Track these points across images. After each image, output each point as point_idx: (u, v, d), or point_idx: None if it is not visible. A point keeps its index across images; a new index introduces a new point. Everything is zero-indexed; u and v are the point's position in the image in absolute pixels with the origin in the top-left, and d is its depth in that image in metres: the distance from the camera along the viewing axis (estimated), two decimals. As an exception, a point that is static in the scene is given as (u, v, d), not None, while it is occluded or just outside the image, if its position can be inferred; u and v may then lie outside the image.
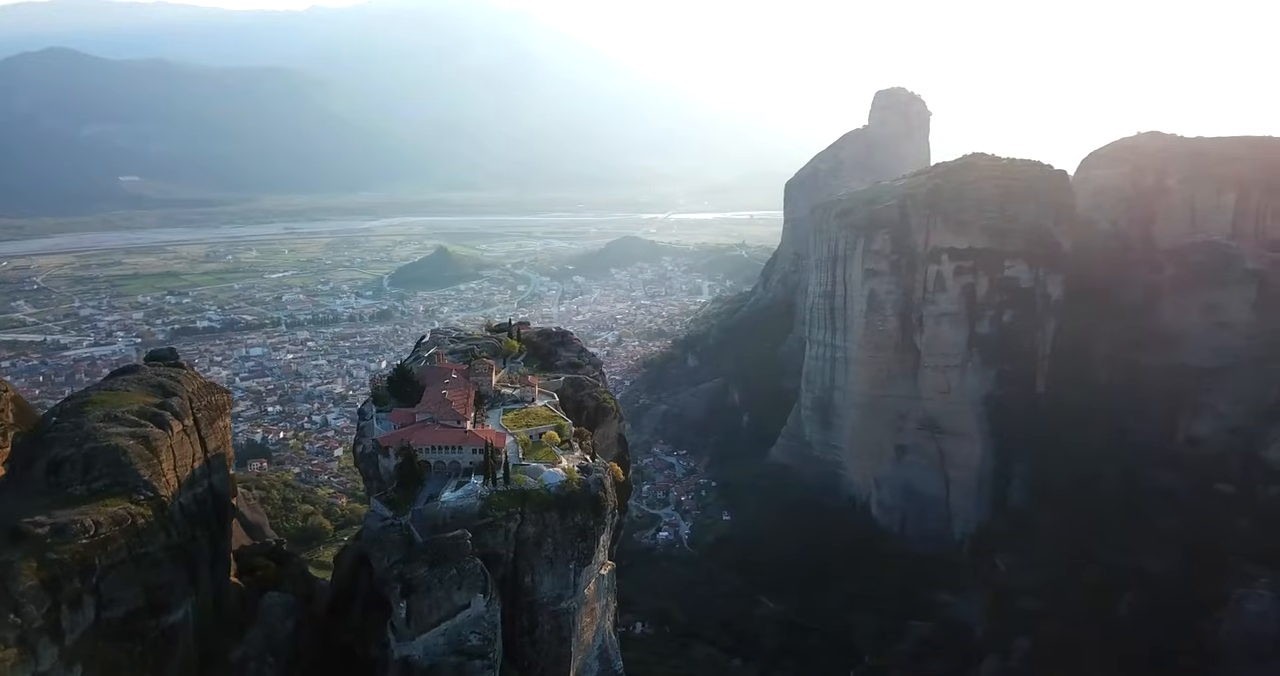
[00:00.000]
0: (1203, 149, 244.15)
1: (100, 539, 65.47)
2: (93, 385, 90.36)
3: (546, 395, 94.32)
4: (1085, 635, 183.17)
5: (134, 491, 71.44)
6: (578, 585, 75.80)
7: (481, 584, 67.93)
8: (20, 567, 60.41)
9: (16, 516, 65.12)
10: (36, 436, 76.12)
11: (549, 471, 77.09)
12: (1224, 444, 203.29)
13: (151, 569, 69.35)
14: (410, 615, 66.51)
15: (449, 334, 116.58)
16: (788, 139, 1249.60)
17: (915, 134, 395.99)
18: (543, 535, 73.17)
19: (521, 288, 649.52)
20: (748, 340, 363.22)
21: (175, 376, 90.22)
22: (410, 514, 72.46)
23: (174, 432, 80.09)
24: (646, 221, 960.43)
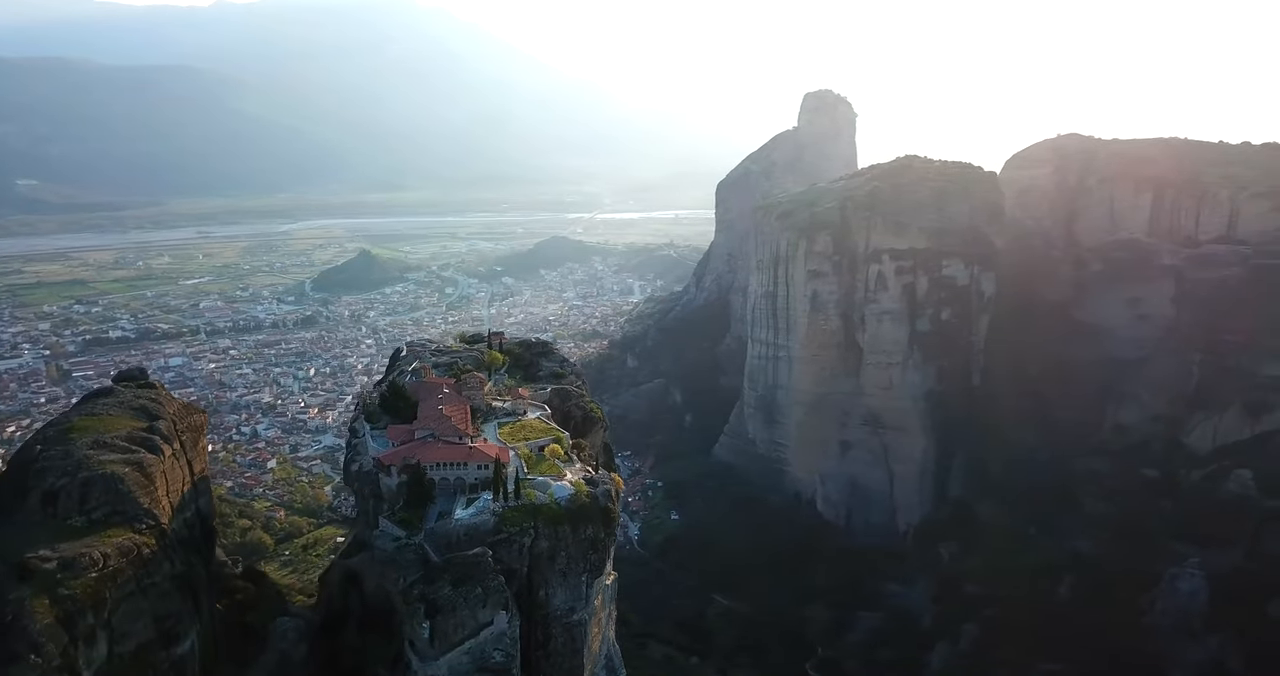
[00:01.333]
0: (1121, 150, 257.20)
1: (109, 571, 63.90)
2: (69, 409, 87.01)
3: (537, 407, 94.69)
4: (1028, 618, 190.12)
5: (135, 520, 69.74)
6: (589, 596, 76.74)
7: (504, 600, 68.35)
8: (34, 605, 58.62)
9: (18, 550, 63.05)
10: (23, 465, 73.38)
11: (557, 485, 77.76)
12: (1148, 431, 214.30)
13: (159, 599, 67.87)
14: (434, 634, 66.44)
15: (425, 347, 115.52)
16: (709, 139, 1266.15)
17: (842, 135, 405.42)
18: (556, 549, 73.86)
19: (449, 290, 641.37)
20: (686, 340, 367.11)
21: (155, 398, 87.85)
22: (423, 532, 72.21)
23: (165, 457, 78.21)
24: (573, 221, 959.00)
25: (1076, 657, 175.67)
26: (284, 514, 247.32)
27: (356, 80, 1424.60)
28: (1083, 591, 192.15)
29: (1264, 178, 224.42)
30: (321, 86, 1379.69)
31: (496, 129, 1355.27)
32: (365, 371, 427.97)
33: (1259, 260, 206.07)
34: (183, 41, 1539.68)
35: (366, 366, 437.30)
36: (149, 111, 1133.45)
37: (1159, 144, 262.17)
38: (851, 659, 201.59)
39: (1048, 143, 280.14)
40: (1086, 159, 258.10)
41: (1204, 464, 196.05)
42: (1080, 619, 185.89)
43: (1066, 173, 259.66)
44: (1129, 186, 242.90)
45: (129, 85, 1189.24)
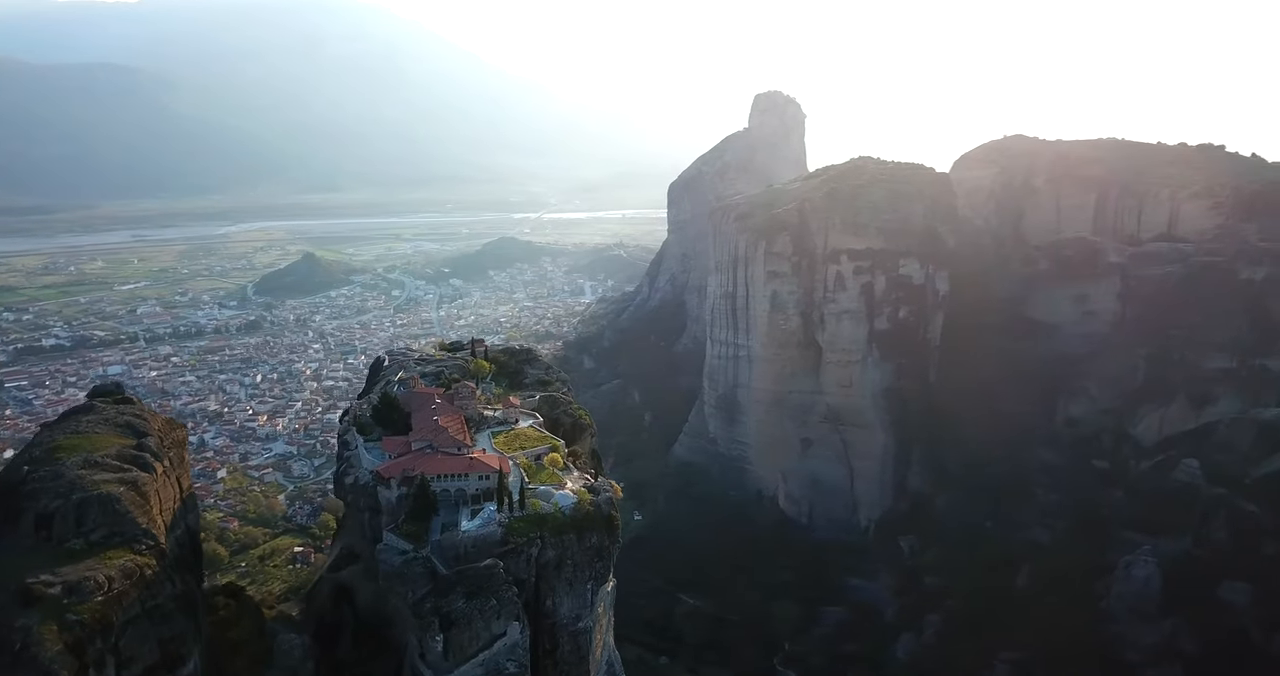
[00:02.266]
0: (1065, 151, 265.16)
1: (114, 595, 62.69)
2: (48, 427, 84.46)
3: (529, 415, 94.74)
4: (989, 607, 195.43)
5: (134, 541, 68.31)
6: (594, 604, 77.25)
7: (517, 612, 68.53)
8: (42, 632, 57.15)
9: (18, 576, 61.38)
10: (11, 487, 71.23)
11: (560, 494, 78.13)
12: (1097, 423, 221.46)
13: (163, 622, 66.62)
14: (449, 647, 66.34)
15: (408, 356, 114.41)
16: (654, 140, 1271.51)
17: (792, 135, 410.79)
18: (563, 558, 74.23)
19: (396, 293, 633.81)
20: (642, 340, 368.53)
21: (140, 414, 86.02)
22: (429, 545, 71.97)
23: (158, 475, 76.65)
24: (520, 221, 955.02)
25: (1037, 644, 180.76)
26: (237, 524, 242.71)
27: (294, 79, 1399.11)
28: (1040, 580, 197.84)
29: (1200, 178, 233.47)
30: (258, 85, 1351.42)
31: (439, 129, 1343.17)
32: (314, 376, 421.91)
33: (1199, 258, 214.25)
34: (112, 39, 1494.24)
35: (315, 371, 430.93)
36: (78, 110, 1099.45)
37: (1100, 145, 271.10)
38: (818, 653, 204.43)
39: (993, 144, 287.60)
40: (1031, 160, 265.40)
41: (1152, 454, 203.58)
42: (1039, 606, 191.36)
43: (1012, 173, 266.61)
44: (1073, 186, 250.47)
45: (54, 84, 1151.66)
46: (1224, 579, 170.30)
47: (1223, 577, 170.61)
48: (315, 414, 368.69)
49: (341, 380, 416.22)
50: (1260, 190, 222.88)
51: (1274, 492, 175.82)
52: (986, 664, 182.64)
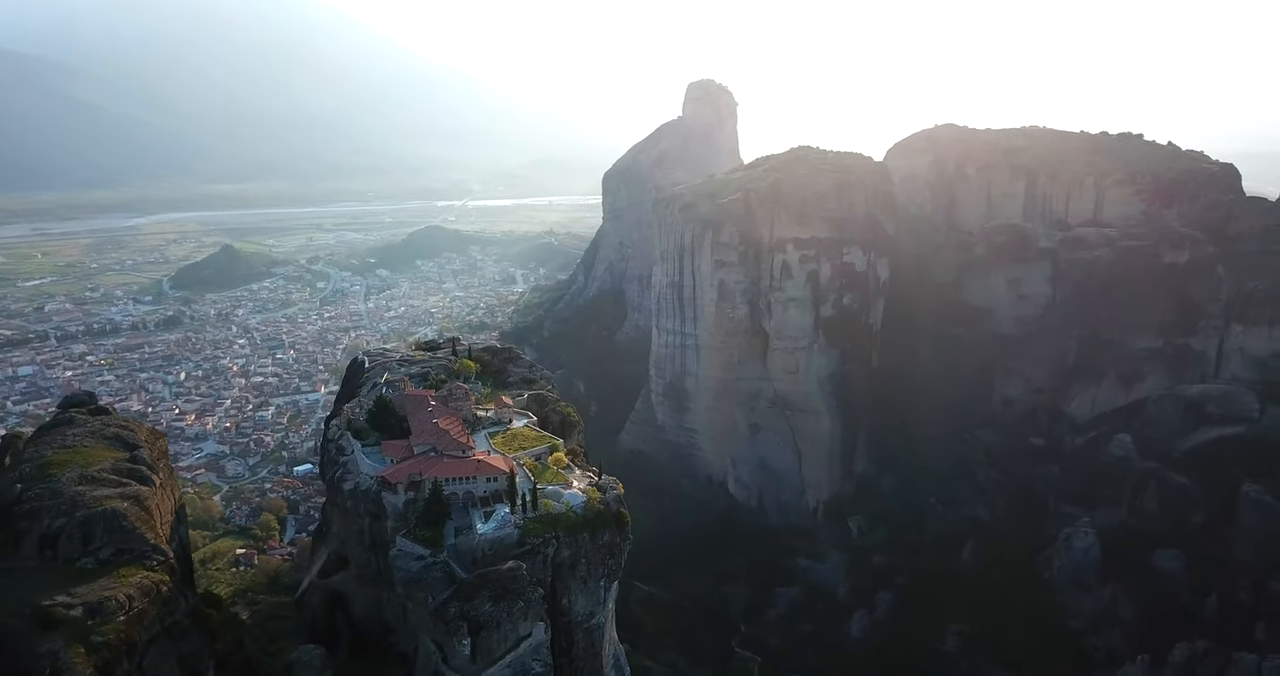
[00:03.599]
0: (994, 140, 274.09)
1: (135, 613, 61.35)
2: (35, 441, 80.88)
3: (522, 415, 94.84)
4: (937, 583, 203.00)
5: (144, 557, 66.76)
6: (606, 601, 78.32)
7: (541, 612, 69.18)
8: (70, 656, 55.56)
9: (30, 598, 59.49)
10: (6, 506, 68.47)
11: (569, 493, 78.84)
12: (1032, 402, 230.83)
13: (181, 638, 65.45)
14: (476, 651, 66.76)
15: (388, 357, 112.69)
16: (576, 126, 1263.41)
17: (725, 124, 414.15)
18: (577, 557, 75.05)
19: (321, 285, 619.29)
20: (583, 330, 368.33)
21: (126, 425, 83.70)
22: (446, 549, 71.91)
23: (156, 488, 74.60)
24: (444, 209, 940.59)
25: (984, 617, 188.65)
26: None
27: (203, 67, 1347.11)
28: (984, 555, 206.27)
29: (1123, 166, 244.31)
30: (164, 73, 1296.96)
31: (357, 117, 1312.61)
32: (242, 373, 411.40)
33: (1124, 243, 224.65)
34: (8, 23, 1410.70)
35: (243, 367, 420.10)
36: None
37: (1026, 133, 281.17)
38: (774, 634, 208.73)
39: (925, 133, 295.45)
40: (962, 148, 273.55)
41: (1085, 431, 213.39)
42: (984, 581, 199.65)
43: (945, 162, 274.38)
44: (1003, 174, 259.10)
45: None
46: (1157, 548, 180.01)
47: (1156, 546, 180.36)
48: (246, 412, 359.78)
49: (271, 376, 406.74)
50: (1178, 178, 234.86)
51: (1201, 464, 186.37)
52: (937, 637, 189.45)
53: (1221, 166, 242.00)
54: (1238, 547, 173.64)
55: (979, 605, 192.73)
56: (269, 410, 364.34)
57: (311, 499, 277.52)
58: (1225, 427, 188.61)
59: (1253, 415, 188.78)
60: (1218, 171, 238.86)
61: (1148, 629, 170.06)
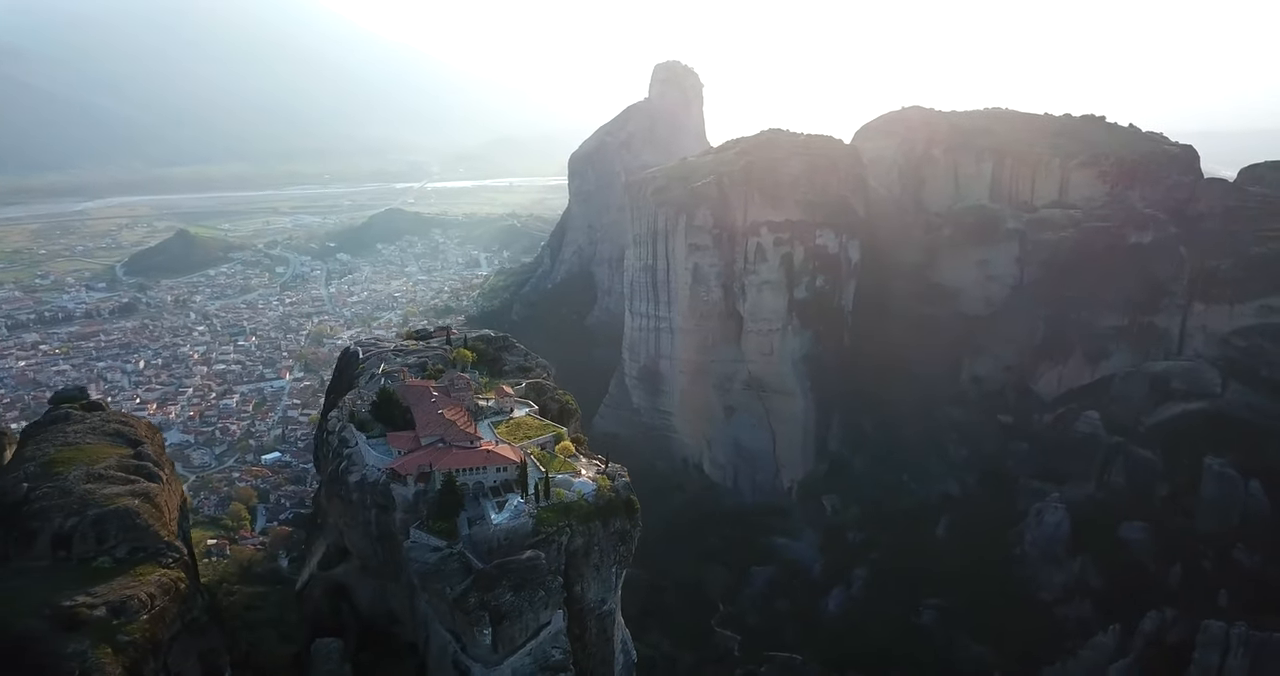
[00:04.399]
0: (960, 122, 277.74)
1: (157, 612, 61.00)
2: (36, 439, 79.14)
3: (523, 404, 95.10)
4: (911, 558, 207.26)
5: (159, 555, 66.32)
6: (617, 587, 79.34)
7: (560, 600, 69.97)
8: (97, 656, 55.22)
9: (49, 599, 58.92)
10: (13, 506, 67.46)
11: (579, 481, 79.54)
12: (1000, 380, 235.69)
13: (200, 635, 65.38)
14: (498, 640, 67.34)
15: (381, 347, 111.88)
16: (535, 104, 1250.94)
17: (692, 106, 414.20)
18: (590, 545, 75.85)
19: (281, 269, 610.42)
20: (553, 314, 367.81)
21: (126, 421, 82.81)
22: (461, 540, 72.29)
23: (164, 484, 73.94)
24: (403, 191, 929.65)
25: (958, 590, 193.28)
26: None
27: (154, 48, 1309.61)
28: (956, 530, 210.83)
29: (1086, 148, 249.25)
30: (113, 54, 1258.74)
31: (311, 98, 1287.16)
32: (203, 361, 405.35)
33: (1089, 223, 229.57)
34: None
35: (204, 355, 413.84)
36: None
37: (991, 115, 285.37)
38: (752, 612, 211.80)
39: (892, 115, 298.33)
40: (930, 131, 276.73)
41: (1053, 407, 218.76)
42: (957, 555, 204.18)
43: (913, 144, 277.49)
44: (970, 156, 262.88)
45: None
46: (1124, 520, 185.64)
47: (1123, 519, 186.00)
48: (209, 400, 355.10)
49: (234, 363, 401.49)
50: (1139, 160, 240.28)
51: (1165, 439, 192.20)
52: (913, 611, 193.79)
53: (1181, 148, 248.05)
54: (1200, 518, 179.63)
55: (953, 579, 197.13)
56: (233, 398, 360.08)
57: (282, 487, 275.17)
58: (1189, 403, 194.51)
59: (1215, 391, 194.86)
60: (1178, 153, 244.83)
61: (1116, 599, 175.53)
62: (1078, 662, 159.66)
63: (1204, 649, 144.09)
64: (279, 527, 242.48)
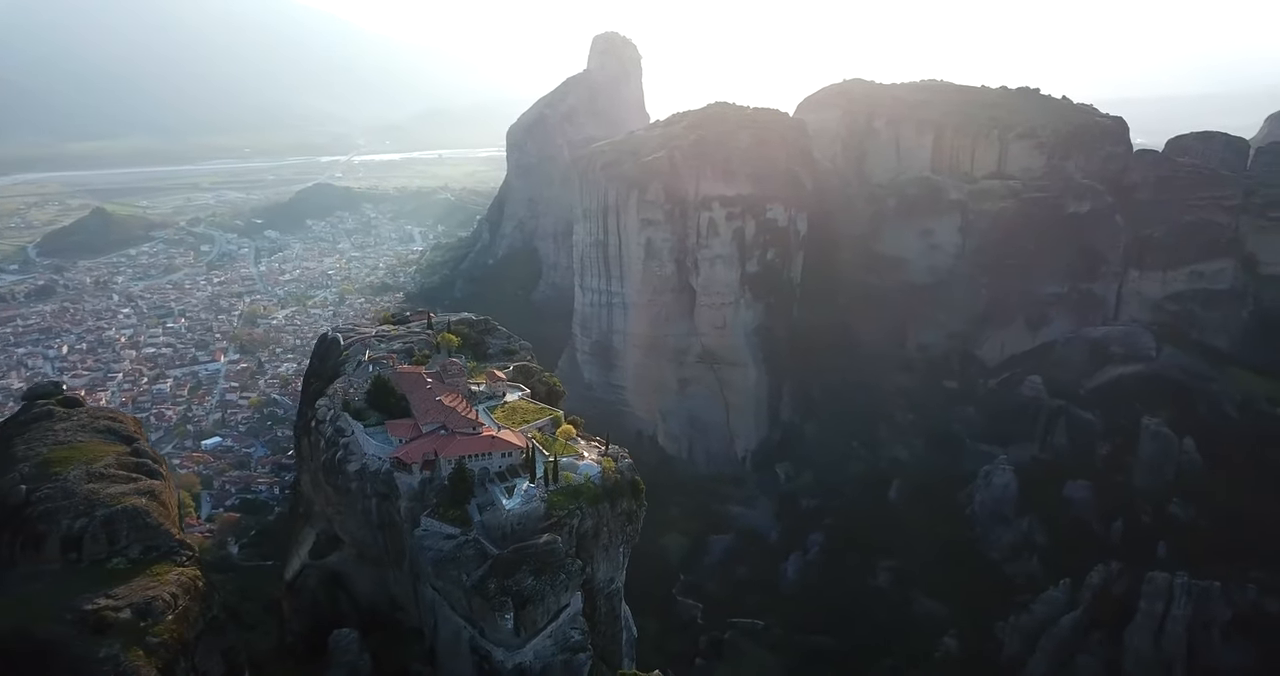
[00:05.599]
0: (901, 94, 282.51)
1: (181, 611, 60.17)
2: (25, 438, 75.98)
3: (515, 388, 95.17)
4: (865, 523, 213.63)
5: (172, 553, 65.38)
6: (624, 566, 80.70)
7: (580, 582, 71.05)
8: (131, 660, 54.41)
9: (69, 603, 57.77)
10: (14, 508, 65.40)
11: (584, 464, 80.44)
12: (946, 347, 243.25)
13: (221, 633, 64.73)
14: (520, 624, 68.13)
15: (361, 333, 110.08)
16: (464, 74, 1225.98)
17: (631, 78, 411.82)
18: (599, 526, 77.00)
19: (206, 248, 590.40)
20: (496, 289, 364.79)
21: (114, 417, 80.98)
22: (475, 526, 72.69)
23: (165, 480, 72.48)
24: (329, 165, 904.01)
25: (912, 552, 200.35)
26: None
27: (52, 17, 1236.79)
28: (908, 494, 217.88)
29: (1024, 120, 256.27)
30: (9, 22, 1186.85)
31: (224, 68, 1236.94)
32: (131, 344, 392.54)
33: (1028, 194, 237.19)
34: None
35: (131, 338, 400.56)
36: None
37: (930, 87, 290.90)
38: (712, 580, 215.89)
39: (834, 87, 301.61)
40: (872, 103, 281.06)
41: (997, 373, 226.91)
42: (909, 518, 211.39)
43: (855, 116, 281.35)
44: (911, 128, 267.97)
45: None
46: (1067, 479, 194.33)
47: (1066, 478, 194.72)
48: (141, 385, 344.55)
49: (164, 347, 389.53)
50: (1074, 131, 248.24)
51: (1105, 401, 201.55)
52: (870, 573, 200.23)
53: (1112, 120, 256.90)
54: (1138, 475, 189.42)
55: (906, 541, 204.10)
56: (166, 382, 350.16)
57: (225, 473, 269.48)
58: (1126, 366, 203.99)
59: (1150, 354, 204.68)
60: (1110, 125, 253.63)
61: (1062, 554, 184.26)
62: (1030, 617, 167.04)
63: (1149, 599, 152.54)
64: (226, 514, 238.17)
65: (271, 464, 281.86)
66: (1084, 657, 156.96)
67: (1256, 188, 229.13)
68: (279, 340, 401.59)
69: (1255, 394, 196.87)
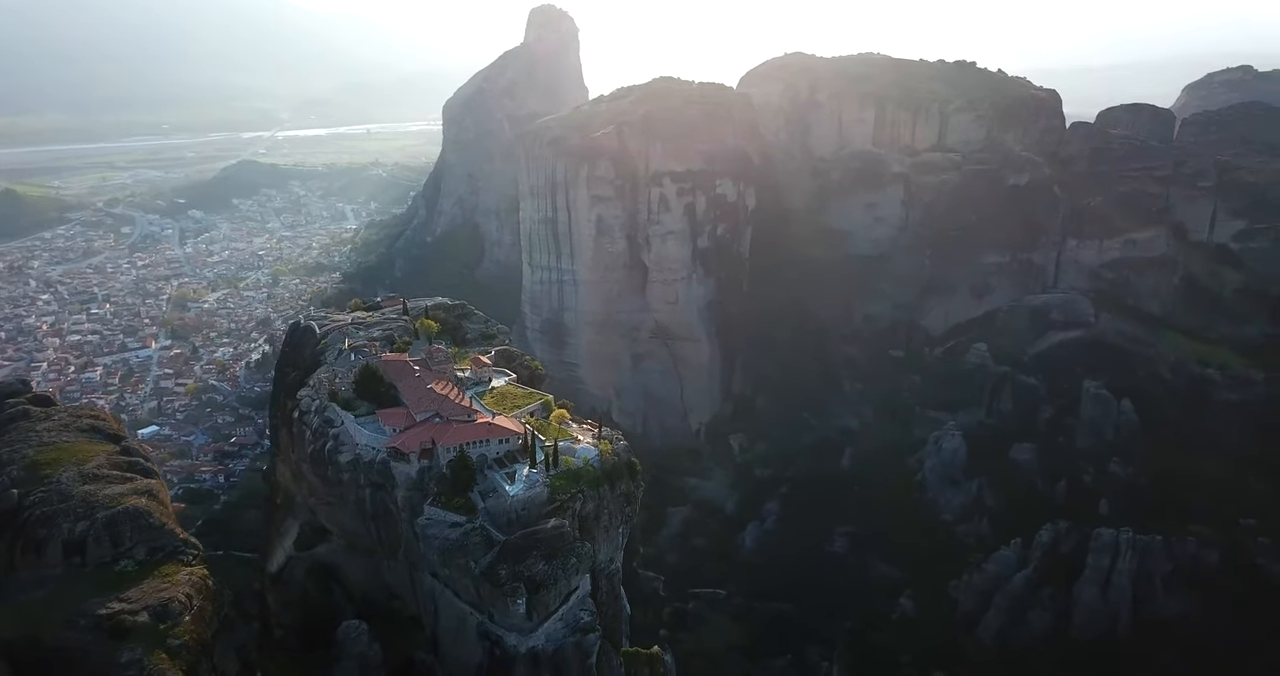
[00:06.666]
0: (842, 68, 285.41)
1: (197, 611, 59.31)
2: (8, 441, 73.02)
3: (501, 373, 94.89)
4: (819, 490, 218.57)
5: (178, 553, 64.24)
6: (623, 546, 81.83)
7: (590, 564, 71.93)
8: (155, 663, 53.60)
9: (81, 608, 56.55)
10: (7, 513, 63.29)
11: (581, 447, 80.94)
12: (891, 318, 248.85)
13: (233, 631, 63.83)
14: (532, 608, 68.79)
15: (326, 321, 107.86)
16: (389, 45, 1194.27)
17: (569, 51, 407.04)
18: (600, 508, 77.73)
19: (127, 230, 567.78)
20: (439, 268, 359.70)
21: (96, 414, 78.51)
22: (480, 514, 72.88)
23: (159, 479, 70.92)
24: (252, 141, 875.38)
25: (866, 517, 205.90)
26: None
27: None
28: (860, 461, 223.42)
29: (963, 93, 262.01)
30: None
31: (136, 42, 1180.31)
32: (54, 332, 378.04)
33: (969, 166, 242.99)
34: None
35: (54, 326, 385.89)
36: None
37: (870, 61, 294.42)
38: (672, 552, 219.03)
39: (775, 61, 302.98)
40: (814, 77, 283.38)
41: (942, 341, 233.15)
42: (862, 484, 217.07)
43: (797, 89, 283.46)
44: (853, 102, 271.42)
45: None
46: (1013, 442, 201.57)
47: (1012, 441, 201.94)
48: (69, 374, 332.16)
49: (90, 334, 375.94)
50: (1012, 104, 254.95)
51: (1047, 366, 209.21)
52: (826, 539, 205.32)
53: (1047, 92, 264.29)
54: (1080, 437, 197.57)
55: (860, 507, 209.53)
56: (96, 371, 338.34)
57: (165, 463, 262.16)
58: (1066, 332, 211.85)
59: (1089, 320, 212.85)
60: (1045, 97, 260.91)
61: (1009, 514, 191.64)
62: (983, 575, 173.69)
63: (1096, 554, 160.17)
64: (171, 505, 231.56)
65: (214, 451, 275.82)
66: (1036, 612, 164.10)
67: (1185, 159, 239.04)
68: (212, 324, 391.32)
69: (1186, 356, 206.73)
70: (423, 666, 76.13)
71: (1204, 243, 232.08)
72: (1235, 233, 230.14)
